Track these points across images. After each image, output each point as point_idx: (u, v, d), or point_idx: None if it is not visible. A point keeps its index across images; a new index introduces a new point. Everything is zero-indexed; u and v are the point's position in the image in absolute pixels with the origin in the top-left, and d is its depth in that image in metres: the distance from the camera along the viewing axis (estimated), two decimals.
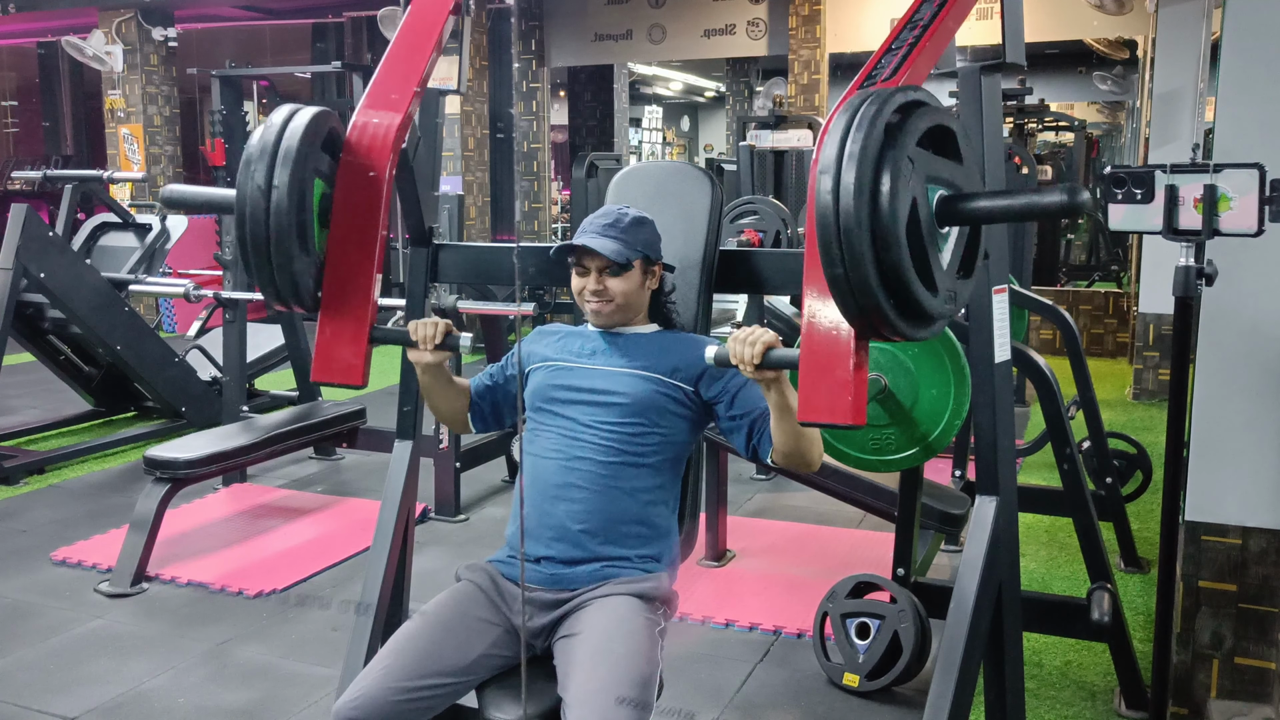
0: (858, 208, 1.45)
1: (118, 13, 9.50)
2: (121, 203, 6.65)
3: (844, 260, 1.47)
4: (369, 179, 1.96)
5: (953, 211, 1.57)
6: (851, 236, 1.45)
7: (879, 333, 1.56)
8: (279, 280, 1.86)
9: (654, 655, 1.89)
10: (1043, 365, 3.24)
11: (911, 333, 1.55)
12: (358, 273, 1.97)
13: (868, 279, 1.47)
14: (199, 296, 5.23)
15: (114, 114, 9.82)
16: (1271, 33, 2.48)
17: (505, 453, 5.00)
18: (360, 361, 1.97)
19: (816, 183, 1.49)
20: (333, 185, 1.95)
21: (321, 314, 1.97)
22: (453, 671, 1.88)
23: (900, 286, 1.49)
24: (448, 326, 1.99)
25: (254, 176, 1.82)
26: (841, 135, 1.48)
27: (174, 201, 2.02)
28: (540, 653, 2.01)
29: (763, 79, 14.72)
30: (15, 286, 5.12)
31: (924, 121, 1.52)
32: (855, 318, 1.55)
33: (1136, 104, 10.04)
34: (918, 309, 1.52)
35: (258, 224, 1.82)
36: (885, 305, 1.49)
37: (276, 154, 1.83)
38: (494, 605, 2.00)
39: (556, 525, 2.00)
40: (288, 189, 1.81)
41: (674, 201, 2.27)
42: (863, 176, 1.45)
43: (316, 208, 1.91)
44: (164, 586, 3.85)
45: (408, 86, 2.05)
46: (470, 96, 9.05)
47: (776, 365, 1.71)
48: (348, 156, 1.96)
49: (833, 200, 1.46)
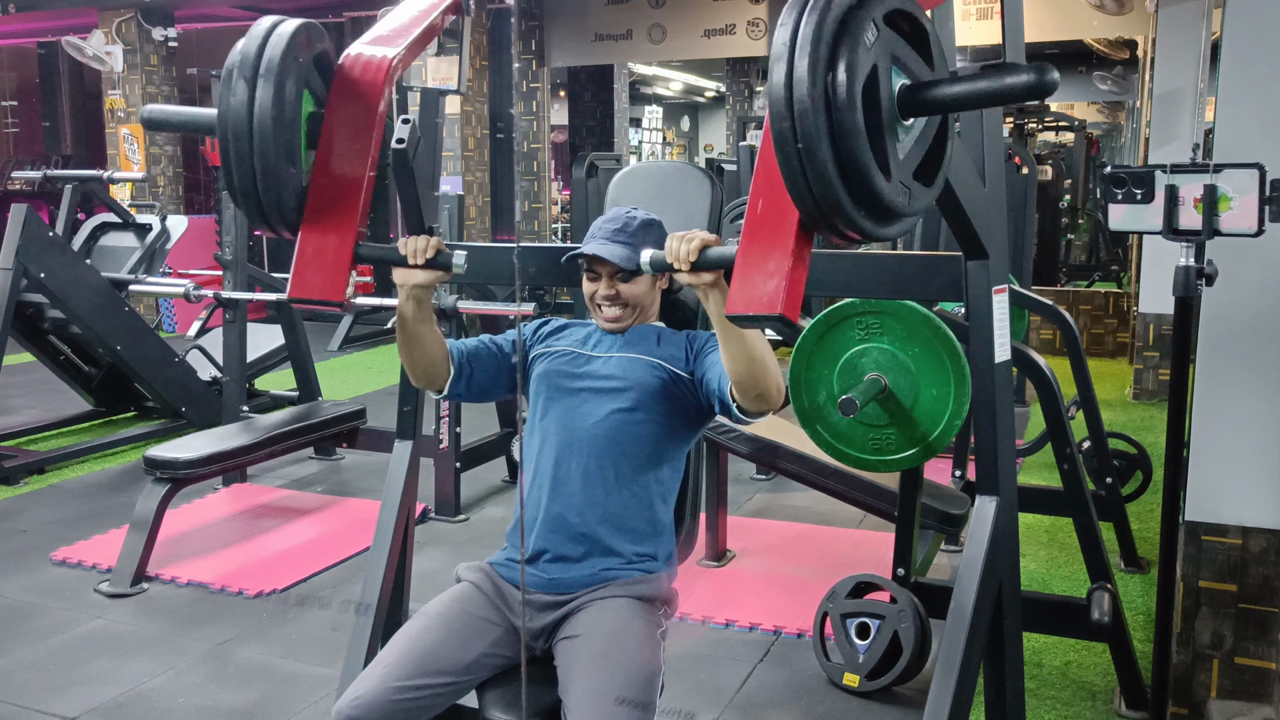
0: (812, 82, 1.33)
1: (118, 13, 9.50)
2: (121, 203, 6.64)
3: (794, 119, 1.35)
4: (362, 96, 1.84)
5: (916, 100, 1.45)
6: (806, 118, 1.34)
7: (833, 227, 1.44)
8: (264, 200, 1.74)
9: (656, 656, 1.89)
10: (1043, 365, 3.24)
11: (867, 227, 1.43)
12: (344, 192, 1.83)
13: (818, 141, 1.35)
14: (199, 296, 5.23)
15: (114, 114, 9.83)
16: (1271, 33, 2.48)
17: (505, 453, 5.00)
18: (342, 278, 1.81)
19: (774, 40, 1.38)
20: (322, 105, 1.85)
21: (303, 230, 1.83)
22: (453, 671, 1.88)
23: (856, 173, 1.37)
24: (439, 243, 1.85)
25: (235, 90, 1.70)
26: (797, 13, 1.38)
27: (154, 122, 1.89)
28: (540, 653, 2.01)
29: (763, 79, 14.73)
30: (15, 286, 5.12)
31: (880, 6, 1.41)
32: (808, 206, 1.42)
33: (1136, 104, 10.05)
34: (875, 200, 1.40)
35: (240, 140, 1.70)
36: (840, 191, 1.37)
37: (259, 65, 1.70)
38: (494, 605, 2.00)
39: (554, 516, 2.00)
40: (271, 102, 1.69)
41: (674, 201, 2.27)
42: (818, 51, 1.34)
43: (304, 127, 1.79)
44: (164, 586, 3.85)
45: (406, 33, 1.97)
46: (470, 96, 9.05)
47: (713, 264, 1.59)
48: (341, 75, 1.85)
49: (785, 75, 1.35)
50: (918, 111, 1.46)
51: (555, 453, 2.02)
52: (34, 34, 12.19)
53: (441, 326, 4.54)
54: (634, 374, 2.03)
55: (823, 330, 2.59)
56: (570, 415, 2.03)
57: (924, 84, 1.46)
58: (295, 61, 1.75)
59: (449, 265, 1.83)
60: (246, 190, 1.74)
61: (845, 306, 2.56)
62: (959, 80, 1.45)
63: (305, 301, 1.84)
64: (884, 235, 1.46)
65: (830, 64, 1.34)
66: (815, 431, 2.65)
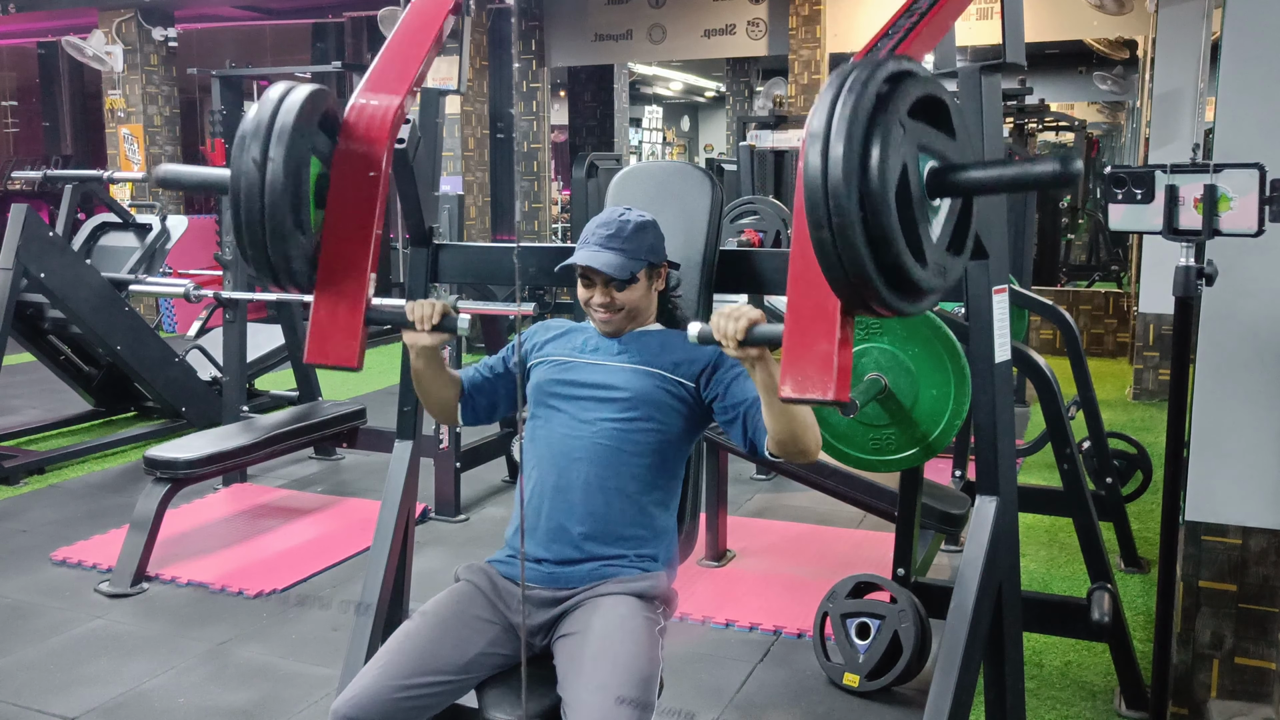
0: (846, 172, 1.41)
1: (118, 13, 9.50)
2: (121, 203, 6.64)
3: (831, 224, 1.43)
4: (366, 158, 1.91)
5: (944, 182, 1.52)
6: (840, 200, 1.41)
7: (867, 305, 1.51)
8: (274, 260, 1.81)
9: (655, 655, 1.89)
10: (1043, 365, 3.24)
11: (900, 305, 1.50)
12: (353, 253, 1.91)
13: (855, 244, 1.42)
14: (199, 296, 5.23)
15: (114, 114, 9.83)
16: (1271, 33, 2.48)
17: (505, 453, 5.00)
18: (356, 343, 1.91)
19: (805, 149, 1.44)
20: (329, 165, 1.91)
21: (316, 295, 1.91)
22: (451, 670, 1.88)
23: (888, 255, 1.44)
24: (445, 307, 1.94)
25: (249, 152, 1.77)
26: (831, 101, 1.44)
27: (168, 181, 1.95)
28: (539, 652, 2.01)
29: (763, 79, 14.73)
30: (15, 286, 5.12)
31: (916, 90, 1.48)
32: (842, 287, 1.50)
33: (1136, 104, 10.05)
34: (906, 280, 1.47)
35: (252, 202, 1.76)
36: (872, 273, 1.44)
37: (271, 131, 1.77)
38: (492, 604, 1.99)
39: (555, 526, 2.00)
40: (283, 166, 1.76)
41: (674, 201, 2.27)
42: (852, 141, 1.41)
43: (313, 188, 1.86)
44: (164, 586, 3.85)
45: (406, 74, 2.02)
46: (470, 96, 9.05)
47: (760, 341, 1.66)
48: (345, 136, 1.90)
49: (821, 164, 1.42)
50: (945, 193, 1.54)
51: (556, 461, 2.02)
52: (34, 34, 12.18)
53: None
54: (635, 383, 2.02)
55: None
56: (570, 424, 2.03)
57: (951, 167, 1.54)
58: (304, 130, 1.81)
59: (454, 329, 1.93)
60: (258, 253, 1.81)
61: None
62: (985, 165, 1.53)
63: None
64: (920, 310, 1.56)
65: (863, 169, 1.42)
66: None
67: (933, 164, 1.52)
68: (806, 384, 1.57)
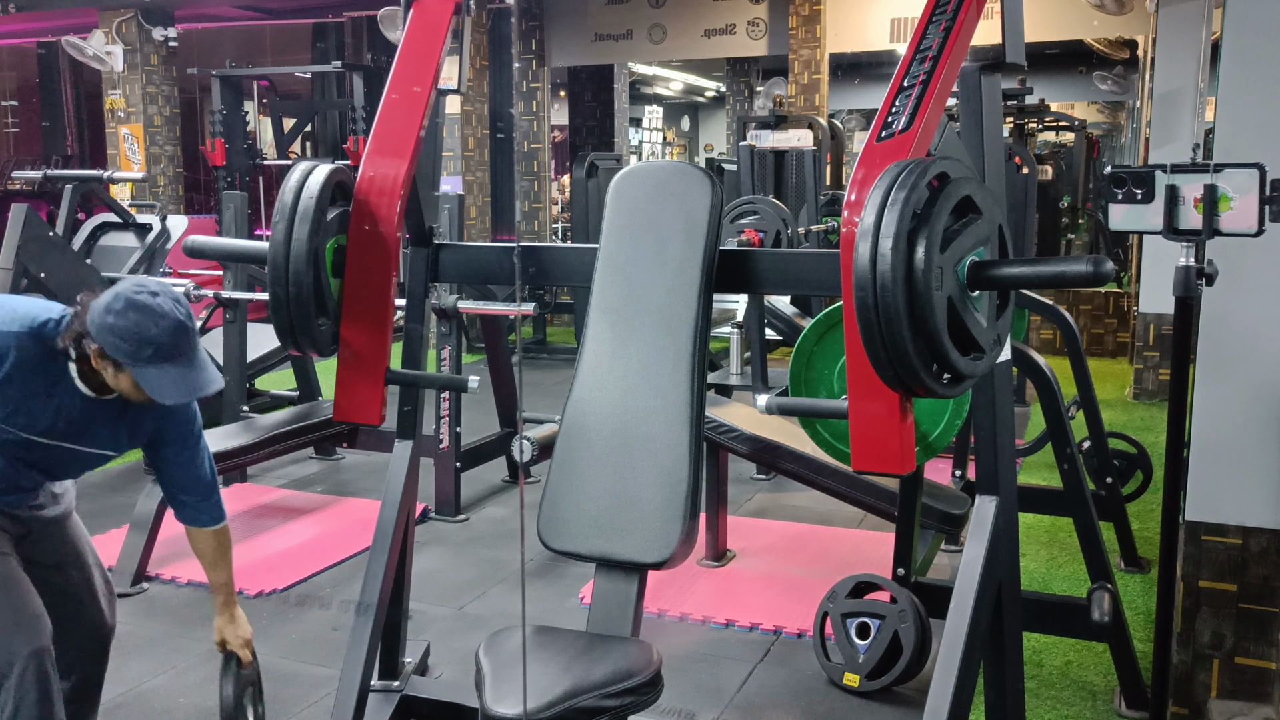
0: (894, 294, 1.61)
1: (118, 13, 9.49)
2: (122, 202, 6.64)
3: (884, 339, 1.64)
4: (378, 232, 2.10)
5: (983, 278, 1.72)
6: (891, 321, 1.61)
7: (915, 394, 1.74)
8: (299, 339, 2.10)
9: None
10: (1043, 365, 3.24)
11: (946, 392, 1.72)
12: (372, 319, 2.12)
13: (907, 354, 1.64)
14: (199, 296, 5.22)
15: (114, 114, 9.82)
16: (1271, 33, 2.48)
17: (505, 453, 5.00)
18: (378, 402, 2.15)
19: (854, 275, 1.64)
20: (344, 231, 2.15)
21: (340, 360, 2.13)
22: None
23: (937, 355, 1.66)
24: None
25: (276, 234, 2.05)
26: (875, 221, 1.62)
27: (196, 252, 2.30)
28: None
29: (763, 79, 14.72)
30: (15, 286, 5.12)
31: (954, 197, 1.67)
32: (895, 386, 1.73)
33: (1137, 104, 10.05)
34: (953, 372, 1.71)
35: (278, 275, 2.04)
36: (924, 374, 1.66)
37: (294, 214, 2.03)
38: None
39: None
40: (306, 247, 2.02)
41: (674, 201, 2.27)
42: (897, 266, 1.60)
43: (329, 258, 2.10)
44: (164, 586, 3.85)
45: (410, 130, 2.14)
46: (470, 96, 9.05)
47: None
48: (357, 210, 2.12)
49: (872, 285, 1.62)
50: (983, 287, 1.74)
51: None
52: (34, 34, 12.18)
53: (442, 326, 4.54)
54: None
55: (823, 330, 2.58)
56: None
57: (989, 263, 1.74)
58: (324, 209, 2.07)
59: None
60: (283, 332, 2.11)
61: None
62: (1023, 262, 1.75)
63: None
64: (959, 393, 1.78)
65: (909, 283, 1.62)
66: (815, 431, 2.64)
67: (973, 259, 1.71)
68: (875, 459, 1.85)
